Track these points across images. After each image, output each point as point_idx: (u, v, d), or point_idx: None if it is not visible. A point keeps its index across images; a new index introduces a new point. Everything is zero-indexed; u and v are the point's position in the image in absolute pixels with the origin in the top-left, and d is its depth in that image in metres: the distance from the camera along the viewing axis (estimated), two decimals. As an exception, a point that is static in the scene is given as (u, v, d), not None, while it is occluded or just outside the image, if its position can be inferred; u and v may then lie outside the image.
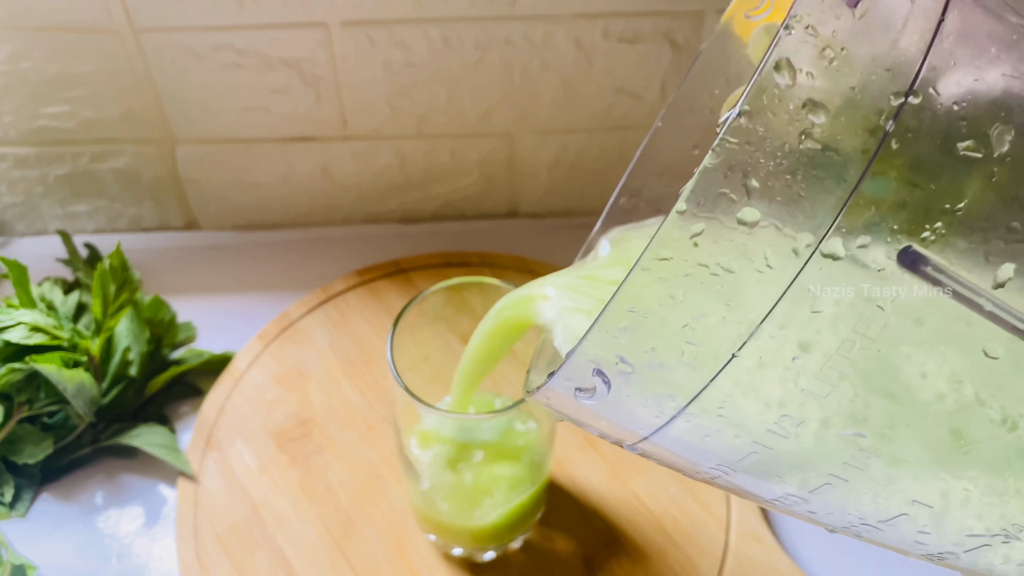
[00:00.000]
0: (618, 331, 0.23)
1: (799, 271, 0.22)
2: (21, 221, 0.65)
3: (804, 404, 0.24)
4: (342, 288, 0.60)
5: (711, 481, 0.28)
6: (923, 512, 0.26)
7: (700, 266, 0.22)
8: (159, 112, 0.59)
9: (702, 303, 0.23)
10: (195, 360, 0.56)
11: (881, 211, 0.22)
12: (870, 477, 0.25)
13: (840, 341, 0.23)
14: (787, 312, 0.23)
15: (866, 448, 0.25)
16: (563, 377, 0.25)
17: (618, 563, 0.47)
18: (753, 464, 0.26)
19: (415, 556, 0.47)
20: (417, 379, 0.44)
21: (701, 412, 0.25)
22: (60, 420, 0.51)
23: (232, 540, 0.48)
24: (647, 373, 0.24)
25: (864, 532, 0.28)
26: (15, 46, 0.55)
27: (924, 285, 0.23)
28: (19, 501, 0.50)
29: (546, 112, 0.60)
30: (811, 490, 0.26)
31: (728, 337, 0.23)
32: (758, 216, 0.22)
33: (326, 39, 0.55)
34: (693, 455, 0.27)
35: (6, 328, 0.48)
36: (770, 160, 0.22)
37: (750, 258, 0.22)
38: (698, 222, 0.22)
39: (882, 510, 0.26)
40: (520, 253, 0.63)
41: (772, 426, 0.25)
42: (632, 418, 0.26)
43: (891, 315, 0.23)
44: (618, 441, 0.28)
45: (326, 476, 0.51)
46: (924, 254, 0.22)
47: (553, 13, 0.54)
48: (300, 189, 0.64)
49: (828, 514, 0.27)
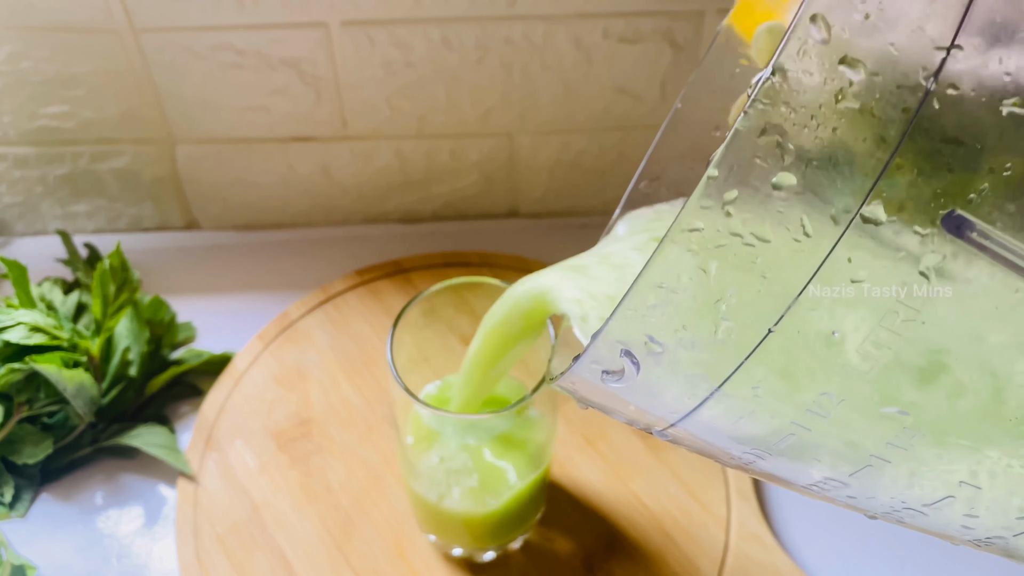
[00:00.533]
0: (647, 309, 0.22)
1: (838, 239, 0.21)
2: (21, 221, 0.65)
3: (844, 381, 0.23)
4: (342, 288, 0.60)
5: (744, 467, 0.27)
6: (971, 494, 0.25)
7: (733, 236, 0.21)
8: (159, 112, 0.59)
9: (736, 276, 0.22)
10: (195, 360, 0.56)
11: (924, 174, 0.21)
12: (914, 458, 0.24)
13: (882, 313, 0.22)
14: (826, 284, 0.22)
15: (910, 427, 0.23)
16: (590, 360, 0.24)
17: (618, 563, 0.47)
18: (790, 447, 0.25)
19: (415, 556, 0.47)
20: (417, 379, 0.44)
21: (735, 393, 0.23)
22: (60, 420, 0.51)
23: (232, 540, 0.48)
24: (678, 353, 0.23)
25: (907, 518, 0.27)
26: (15, 46, 0.55)
27: (970, 251, 0.21)
28: (19, 501, 0.50)
29: (546, 112, 0.60)
30: (851, 473, 0.25)
31: (764, 312, 0.22)
32: (794, 181, 0.21)
33: (326, 39, 0.55)
34: (726, 439, 0.26)
35: (6, 328, 0.48)
36: (805, 122, 0.20)
37: (786, 226, 0.21)
38: (730, 189, 0.21)
39: (927, 493, 0.25)
40: (520, 253, 0.63)
41: (811, 405, 0.23)
42: (662, 402, 0.25)
43: (936, 284, 0.22)
44: (647, 427, 0.27)
45: (326, 476, 0.51)
46: (969, 218, 0.21)
47: (553, 13, 0.54)
48: (300, 189, 0.64)
49: (869, 499, 0.26)
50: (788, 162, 0.21)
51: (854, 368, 0.22)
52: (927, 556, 0.48)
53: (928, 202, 0.21)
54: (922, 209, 0.21)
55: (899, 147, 0.21)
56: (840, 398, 0.23)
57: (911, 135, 0.20)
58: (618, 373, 0.24)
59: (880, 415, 0.23)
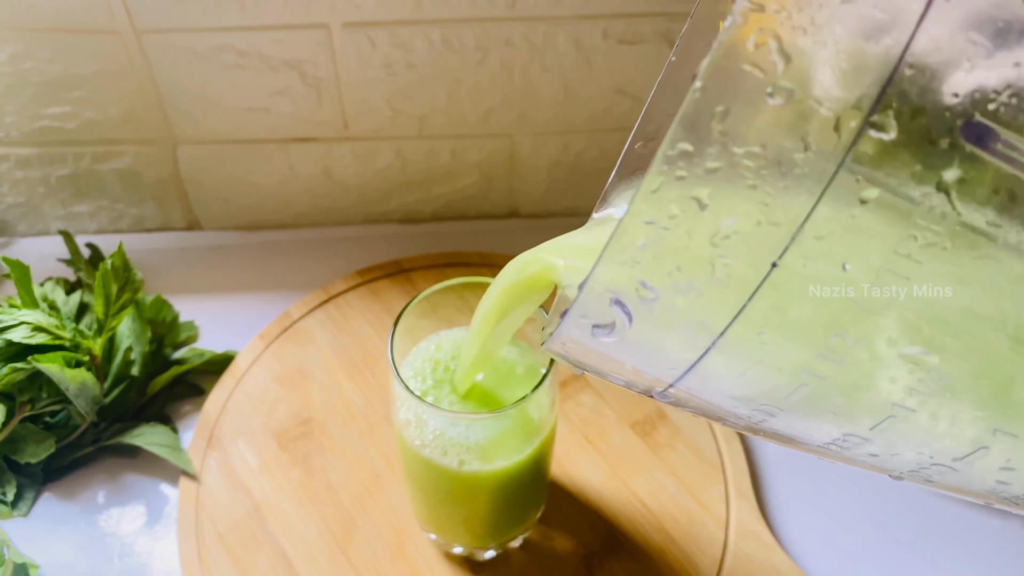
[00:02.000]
0: (635, 249, 0.20)
1: (847, 152, 0.18)
2: (23, 221, 0.65)
3: (859, 319, 0.20)
4: (343, 288, 0.60)
5: (754, 428, 0.24)
6: (1007, 443, 0.22)
7: (726, 155, 0.19)
8: (161, 113, 0.59)
9: (732, 205, 0.19)
10: (197, 360, 0.56)
11: (938, 76, 0.18)
12: (942, 405, 0.21)
13: (898, 238, 0.19)
14: (833, 206, 0.19)
15: (936, 368, 0.21)
16: (578, 313, 0.22)
17: (617, 562, 0.47)
18: (802, 400, 0.22)
19: (415, 555, 0.48)
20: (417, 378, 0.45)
21: (739, 341, 0.21)
22: (62, 419, 0.52)
23: (233, 539, 0.48)
24: (673, 298, 0.21)
25: (936, 475, 0.24)
26: (17, 47, 0.55)
27: (995, 163, 0.19)
28: (21, 500, 0.50)
29: (546, 113, 0.60)
30: (872, 427, 0.22)
31: (766, 244, 0.19)
32: (790, 86, 0.18)
33: (327, 40, 0.55)
34: (732, 397, 0.23)
35: (8, 328, 0.48)
36: (803, 24, 0.18)
37: (785, 141, 0.18)
38: (721, 103, 0.18)
39: (957, 445, 0.22)
40: (520, 253, 0.63)
41: (823, 350, 0.21)
42: (660, 357, 0.22)
43: (957, 202, 0.19)
44: (647, 389, 0.24)
45: (327, 475, 0.51)
46: (992, 127, 0.18)
47: (553, 15, 0.54)
48: (301, 189, 0.64)
49: (893, 456, 0.23)
50: (785, 70, 0.18)
51: (868, 304, 0.20)
52: (927, 554, 0.48)
53: (945, 109, 0.18)
54: (939, 115, 0.18)
55: (911, 41, 0.18)
56: (855, 339, 0.21)
57: (919, 31, 0.18)
58: (609, 327, 0.22)
59: (902, 356, 0.21)
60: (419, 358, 0.43)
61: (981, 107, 0.18)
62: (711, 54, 0.18)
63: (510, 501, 0.43)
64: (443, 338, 0.43)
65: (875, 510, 0.50)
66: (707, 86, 0.18)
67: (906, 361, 0.21)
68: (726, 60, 0.18)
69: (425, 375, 0.42)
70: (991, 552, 0.49)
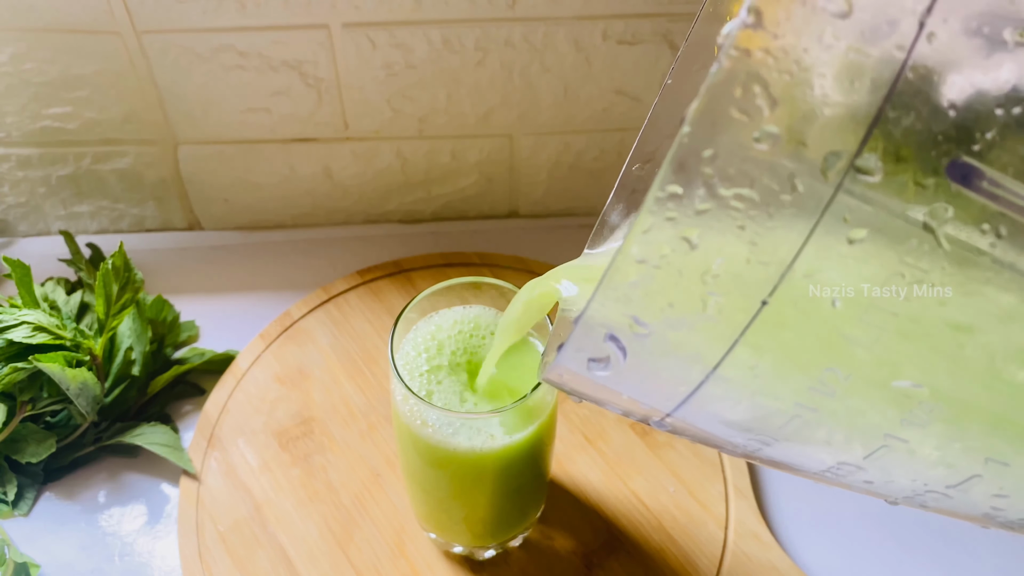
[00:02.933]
0: (628, 287, 0.20)
1: (833, 194, 0.19)
2: (24, 221, 0.65)
3: (850, 354, 0.21)
4: (343, 288, 0.60)
5: (751, 456, 0.25)
6: (999, 472, 0.22)
7: (715, 199, 0.19)
8: (161, 113, 0.59)
9: (722, 244, 0.19)
10: (197, 359, 0.56)
11: (922, 118, 0.18)
12: (933, 435, 0.22)
13: (886, 276, 0.20)
14: (821, 246, 0.19)
15: (926, 401, 0.21)
16: (574, 347, 0.22)
17: (617, 561, 0.47)
18: (796, 431, 0.23)
19: (416, 554, 0.48)
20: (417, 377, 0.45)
21: (732, 375, 0.21)
22: (63, 419, 0.52)
23: (234, 538, 0.48)
24: (666, 333, 0.21)
25: (931, 501, 0.24)
26: (18, 47, 0.55)
27: (980, 202, 0.19)
28: (22, 500, 0.50)
29: (546, 113, 0.60)
30: (866, 456, 0.23)
31: (755, 282, 0.20)
32: (777, 131, 0.18)
33: (327, 41, 0.55)
34: (728, 427, 0.23)
35: (9, 328, 0.48)
36: (788, 69, 0.18)
37: (773, 184, 0.19)
38: (708, 147, 0.18)
39: (950, 473, 0.22)
40: (520, 253, 0.64)
41: (815, 383, 0.21)
42: (655, 389, 0.23)
43: (943, 241, 0.19)
44: (644, 418, 0.25)
45: (327, 475, 0.51)
46: (977, 166, 0.19)
47: (553, 15, 0.55)
48: (301, 190, 0.64)
49: (887, 483, 0.24)
50: (770, 114, 0.18)
51: (858, 339, 0.20)
52: (925, 553, 0.48)
53: (929, 150, 0.19)
54: (923, 159, 0.19)
55: (895, 86, 0.18)
56: (846, 373, 0.21)
57: (903, 75, 0.18)
58: (604, 360, 0.22)
59: (892, 390, 0.21)
60: (420, 335, 0.42)
61: (966, 147, 0.19)
62: (698, 99, 0.18)
63: (510, 492, 0.43)
64: (443, 317, 0.43)
65: (875, 510, 0.50)
66: (695, 131, 0.18)
67: (897, 394, 0.21)
68: (713, 105, 0.18)
69: (431, 352, 0.41)
70: (991, 552, 0.49)
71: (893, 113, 0.18)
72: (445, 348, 0.42)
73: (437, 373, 0.41)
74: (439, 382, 0.41)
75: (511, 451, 0.40)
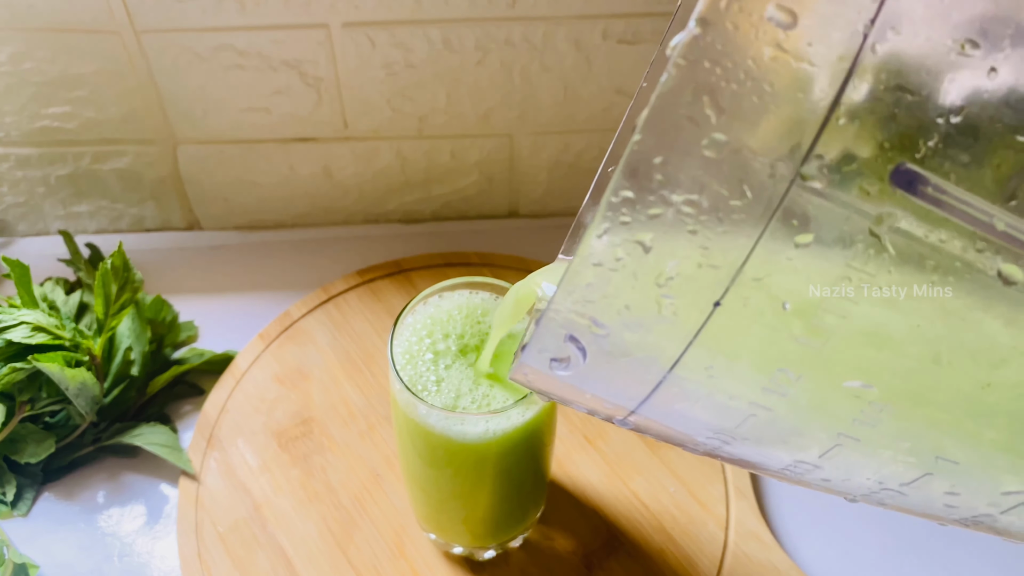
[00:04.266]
0: (585, 289, 0.21)
1: (780, 200, 0.19)
2: (23, 221, 0.65)
3: (801, 355, 0.21)
4: (343, 288, 0.60)
5: (712, 453, 0.26)
6: (949, 470, 0.23)
7: (666, 204, 0.20)
8: (161, 113, 0.59)
9: (675, 248, 0.20)
10: (196, 360, 0.56)
11: (866, 126, 0.19)
12: (884, 434, 0.22)
13: (834, 279, 0.20)
14: (770, 250, 0.20)
15: (876, 400, 0.22)
16: (536, 348, 0.23)
17: (617, 561, 0.47)
18: (753, 429, 0.23)
19: (415, 555, 0.48)
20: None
21: (688, 375, 0.22)
22: (62, 419, 0.52)
23: (233, 539, 0.48)
24: (623, 335, 0.22)
25: (887, 499, 0.25)
26: (17, 47, 0.55)
27: (924, 208, 0.20)
28: (21, 500, 0.50)
29: (546, 113, 0.60)
30: (821, 455, 0.23)
31: (707, 285, 0.21)
32: (725, 139, 0.19)
33: (327, 40, 0.55)
34: (687, 425, 0.24)
35: (8, 328, 0.48)
36: (735, 79, 0.19)
37: (722, 189, 0.19)
38: (658, 154, 0.19)
39: (903, 471, 0.23)
40: (520, 253, 0.64)
41: (767, 383, 0.22)
42: (616, 389, 0.24)
43: (888, 245, 0.20)
44: (608, 417, 0.25)
45: (327, 475, 0.51)
46: (922, 173, 0.19)
47: (553, 14, 0.55)
48: (301, 190, 0.64)
49: (844, 480, 0.25)
50: (719, 121, 0.19)
51: (808, 341, 0.21)
52: (925, 553, 0.48)
53: (875, 157, 0.19)
54: (868, 165, 0.19)
55: (839, 98, 0.19)
56: (797, 374, 0.22)
57: (848, 84, 0.19)
58: (565, 360, 0.23)
59: (843, 390, 0.22)
60: (420, 320, 0.42)
61: (910, 154, 0.19)
62: (648, 107, 0.19)
63: (510, 490, 0.43)
64: (449, 301, 0.43)
65: (875, 510, 0.50)
66: (645, 138, 0.19)
67: (847, 393, 0.22)
68: (662, 113, 0.19)
69: (435, 337, 0.41)
70: (991, 552, 0.49)
71: (840, 120, 0.19)
72: (452, 333, 0.42)
73: (444, 357, 0.41)
74: (447, 367, 0.40)
75: (512, 436, 0.39)
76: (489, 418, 0.38)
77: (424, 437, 0.39)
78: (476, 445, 0.39)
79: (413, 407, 0.39)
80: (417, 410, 0.39)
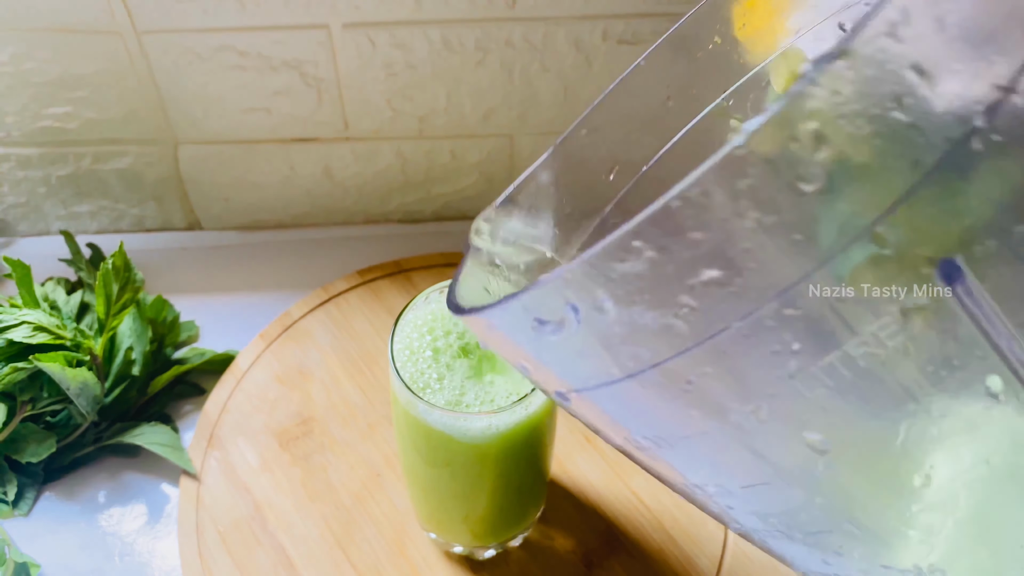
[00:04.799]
0: (619, 268, 0.21)
1: (845, 246, 0.20)
2: (24, 221, 0.65)
3: (779, 402, 0.22)
4: (343, 288, 0.60)
5: (629, 451, 0.26)
6: (850, 532, 0.24)
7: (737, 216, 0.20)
8: (161, 113, 0.59)
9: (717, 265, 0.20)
10: (197, 359, 0.56)
11: (944, 210, 0.19)
12: (815, 485, 0.24)
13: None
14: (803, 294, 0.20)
15: (828, 455, 0.23)
16: (523, 303, 0.22)
17: (618, 561, 0.47)
18: (695, 444, 0.24)
19: (416, 554, 0.48)
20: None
21: (668, 378, 0.22)
22: (63, 419, 0.52)
23: (234, 538, 0.48)
24: (630, 321, 0.22)
25: (770, 539, 0.26)
26: (18, 47, 0.55)
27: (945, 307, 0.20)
28: (22, 499, 0.50)
29: (546, 113, 0.60)
30: (744, 486, 0.25)
31: (732, 306, 0.21)
32: (818, 185, 0.19)
33: (327, 40, 0.55)
34: (632, 419, 0.24)
35: (10, 327, 0.48)
36: (851, 118, 0.19)
37: (792, 231, 0.19)
38: (754, 166, 0.19)
39: (809, 521, 0.25)
40: (520, 253, 0.64)
41: (739, 412, 0.23)
42: (585, 365, 0.23)
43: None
44: (541, 383, 0.25)
45: (327, 474, 0.51)
46: (963, 269, 0.20)
47: (553, 15, 0.55)
48: (302, 190, 0.64)
49: (747, 514, 0.26)
50: (821, 156, 0.19)
51: (793, 391, 0.22)
52: (925, 554, 0.48)
53: (930, 242, 0.20)
54: (924, 246, 0.20)
55: (920, 186, 0.19)
56: (766, 416, 0.22)
57: (943, 167, 0.19)
58: (557, 323, 0.22)
59: (799, 438, 0.23)
60: (420, 318, 0.42)
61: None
62: (766, 115, 0.19)
63: (510, 489, 0.43)
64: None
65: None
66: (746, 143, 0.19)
67: (802, 441, 0.23)
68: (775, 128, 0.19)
69: (436, 334, 0.41)
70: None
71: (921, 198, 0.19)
72: (452, 330, 0.41)
73: (445, 354, 0.41)
74: (448, 365, 0.40)
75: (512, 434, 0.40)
76: (490, 416, 0.38)
77: (424, 435, 0.39)
78: (476, 444, 0.39)
79: (413, 405, 0.39)
80: (417, 408, 0.39)
